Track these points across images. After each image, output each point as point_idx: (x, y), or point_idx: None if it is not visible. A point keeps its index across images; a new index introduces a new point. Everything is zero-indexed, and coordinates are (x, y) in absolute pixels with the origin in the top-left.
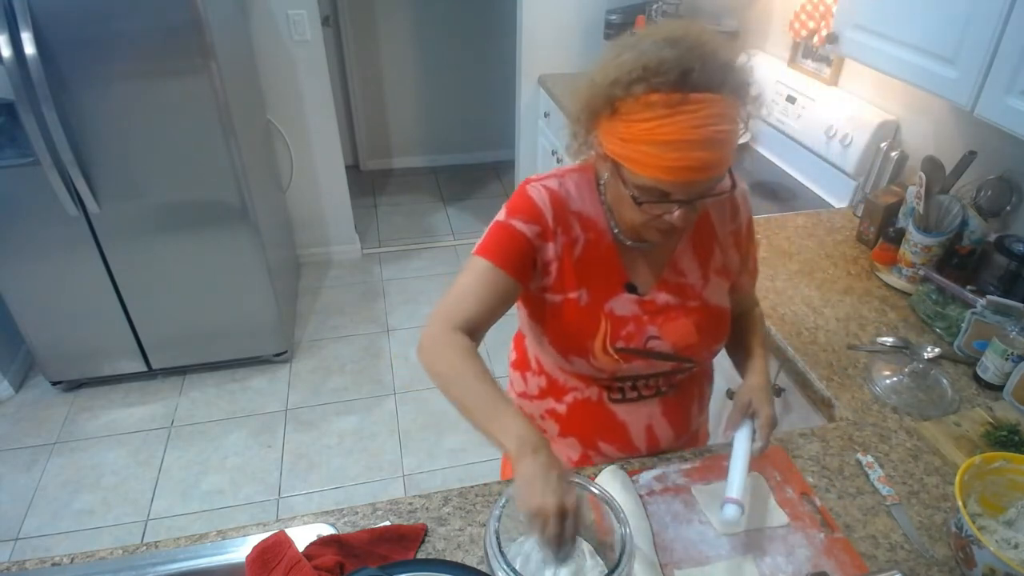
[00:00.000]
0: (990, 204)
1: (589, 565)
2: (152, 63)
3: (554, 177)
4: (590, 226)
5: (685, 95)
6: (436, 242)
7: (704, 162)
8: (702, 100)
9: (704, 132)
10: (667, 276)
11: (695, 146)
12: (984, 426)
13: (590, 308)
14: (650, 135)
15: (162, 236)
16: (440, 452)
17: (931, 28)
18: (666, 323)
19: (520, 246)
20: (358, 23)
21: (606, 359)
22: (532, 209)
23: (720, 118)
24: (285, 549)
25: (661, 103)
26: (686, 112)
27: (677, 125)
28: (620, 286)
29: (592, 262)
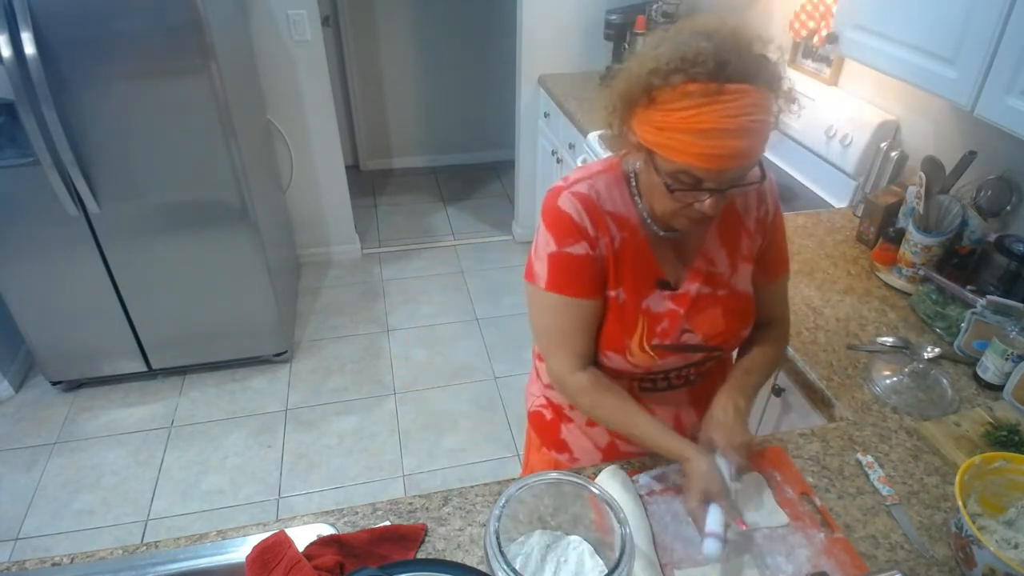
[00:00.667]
0: (990, 204)
1: (589, 565)
2: (152, 63)
3: (583, 180)
4: (624, 224)
5: (721, 85)
6: (436, 242)
7: (738, 150)
8: (737, 90)
9: (739, 121)
10: (698, 265)
11: (730, 135)
12: (984, 426)
13: (628, 306)
14: (686, 123)
15: (162, 236)
16: (440, 452)
17: (931, 28)
18: (697, 314)
19: (585, 268)
20: (358, 23)
21: (643, 356)
22: (572, 227)
23: (754, 108)
24: (285, 549)
25: (698, 92)
26: (722, 101)
27: (713, 113)
28: (653, 283)
29: (628, 260)
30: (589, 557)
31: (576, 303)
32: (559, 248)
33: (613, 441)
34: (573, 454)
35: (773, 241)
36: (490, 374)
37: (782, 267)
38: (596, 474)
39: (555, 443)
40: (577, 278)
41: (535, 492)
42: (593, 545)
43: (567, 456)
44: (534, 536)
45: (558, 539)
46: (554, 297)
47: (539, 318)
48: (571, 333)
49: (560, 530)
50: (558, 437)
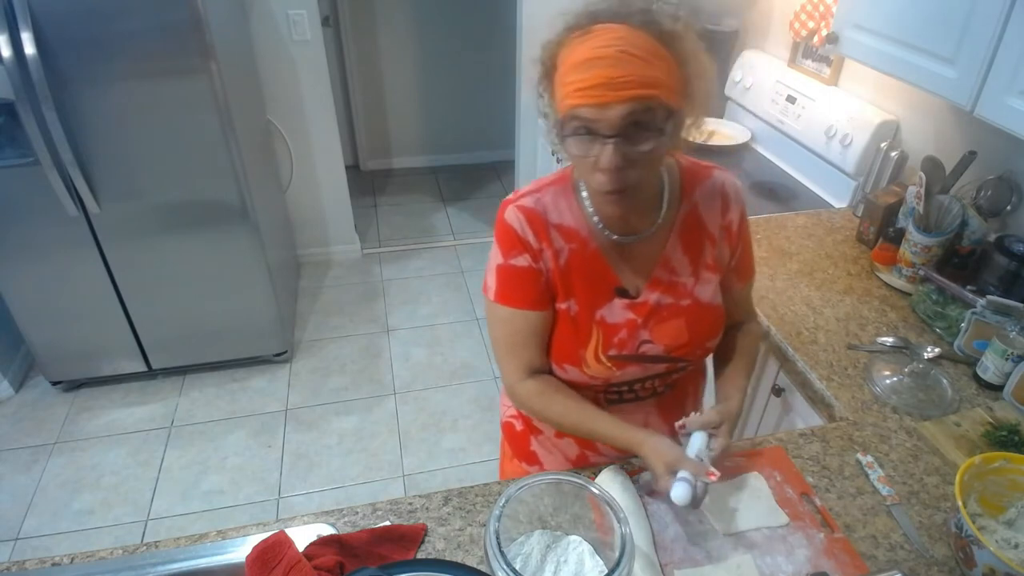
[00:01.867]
0: (990, 204)
1: (589, 565)
2: (152, 63)
3: (530, 194)
4: (572, 236)
5: (590, 27)
6: (436, 242)
7: (609, 78)
8: (605, 28)
9: (608, 51)
10: (659, 275)
11: (600, 63)
12: (984, 426)
13: (580, 318)
14: (570, 70)
15: (162, 236)
16: (440, 452)
17: (931, 28)
18: (658, 325)
19: (529, 280)
20: (358, 23)
21: (599, 367)
22: (515, 239)
23: (624, 41)
24: (285, 549)
25: (573, 39)
26: (592, 37)
27: (584, 46)
28: (611, 292)
29: (578, 271)
30: (589, 557)
31: (522, 314)
32: (505, 260)
33: (583, 452)
34: (543, 466)
35: (740, 248)
36: (490, 374)
37: (751, 272)
38: (596, 474)
39: (525, 455)
40: (522, 290)
41: (535, 492)
42: (593, 545)
43: (536, 468)
44: (534, 536)
45: (558, 539)
46: (502, 308)
47: (491, 329)
48: (519, 343)
49: (560, 530)
50: (528, 449)
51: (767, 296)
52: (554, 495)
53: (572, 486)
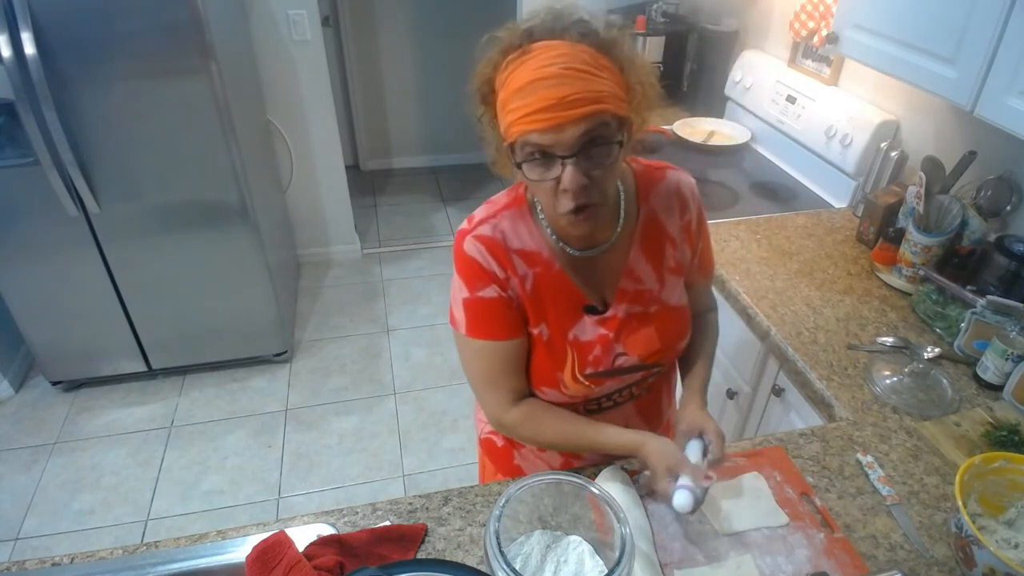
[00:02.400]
0: (990, 204)
1: (589, 565)
2: (152, 63)
3: (485, 222)
4: (534, 260)
5: (528, 46)
6: (436, 242)
7: (558, 99)
8: (544, 46)
9: (551, 70)
10: (624, 285)
11: (544, 84)
12: (984, 426)
13: (554, 341)
14: (513, 95)
15: (162, 236)
16: (440, 452)
17: (931, 28)
18: (629, 336)
19: (499, 310)
20: (358, 23)
21: (577, 387)
22: (479, 271)
23: (566, 57)
24: (285, 549)
25: (512, 61)
26: (531, 57)
27: (525, 68)
28: (579, 311)
29: (545, 295)
30: (589, 557)
31: (498, 345)
32: (471, 294)
33: (568, 460)
34: None
35: (699, 245)
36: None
37: (711, 266)
38: (596, 474)
39: (509, 469)
40: (493, 321)
41: (535, 492)
42: (593, 545)
43: None
44: (534, 536)
45: (558, 539)
46: (476, 342)
47: (467, 363)
48: (498, 374)
49: (560, 530)
50: (512, 463)
51: (767, 296)
52: (554, 495)
53: (572, 486)
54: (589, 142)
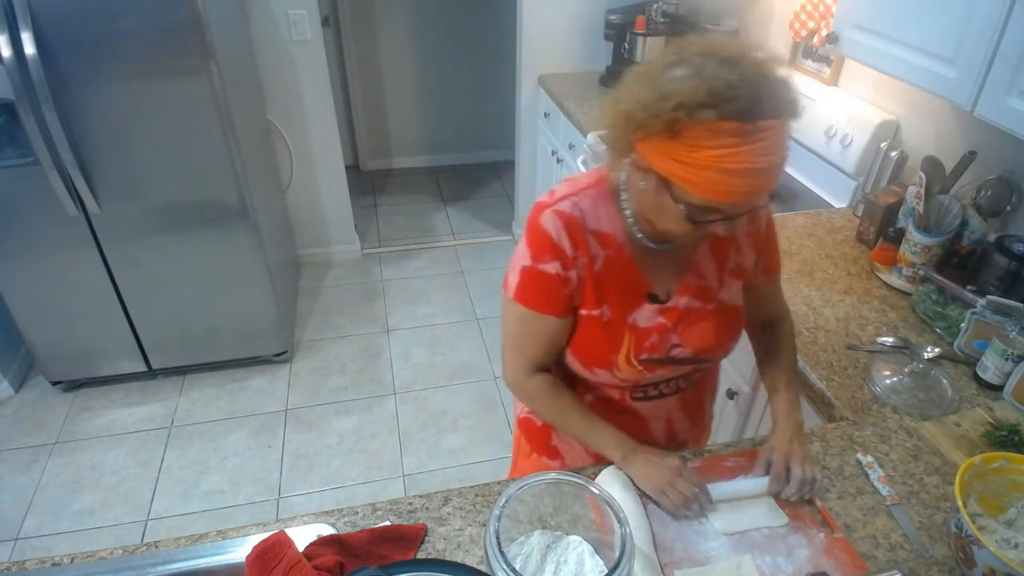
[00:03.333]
0: (990, 204)
1: (589, 565)
2: (152, 63)
3: (567, 198)
4: (608, 242)
5: (755, 124)
6: (436, 242)
7: (765, 187)
8: (769, 128)
9: (769, 160)
10: (689, 279)
11: (759, 174)
12: (984, 426)
13: (613, 323)
14: (716, 163)
15: (162, 236)
16: (440, 452)
17: (931, 28)
18: (687, 328)
19: (553, 287)
20: (358, 23)
21: (630, 370)
22: (550, 245)
23: (782, 145)
24: (285, 549)
25: (731, 132)
26: (755, 141)
27: (746, 154)
28: (642, 297)
29: (612, 278)
30: (589, 557)
31: (539, 317)
32: (533, 264)
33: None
34: (564, 461)
35: (768, 248)
36: (490, 374)
37: (777, 269)
38: (596, 474)
39: (546, 450)
40: (544, 295)
41: (535, 492)
42: (593, 545)
43: (559, 463)
44: (534, 536)
45: (558, 539)
46: (520, 308)
47: (505, 323)
48: (530, 342)
49: (560, 530)
50: (549, 444)
51: None
52: (554, 495)
53: (572, 486)
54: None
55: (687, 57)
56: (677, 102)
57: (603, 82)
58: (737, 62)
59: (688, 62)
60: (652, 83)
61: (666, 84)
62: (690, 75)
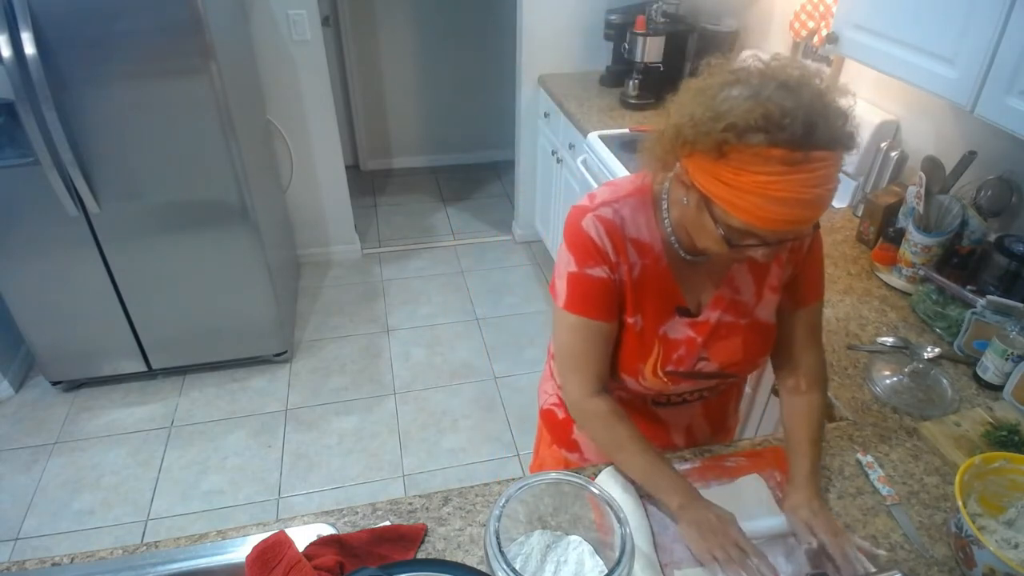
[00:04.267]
0: (990, 204)
1: (589, 565)
2: (152, 63)
3: (609, 204)
4: (646, 251)
5: (807, 153)
6: (436, 242)
7: (809, 219)
8: (821, 159)
9: (817, 192)
10: (723, 292)
11: (806, 204)
12: (984, 426)
13: (645, 333)
14: (762, 188)
15: (162, 236)
16: (440, 452)
17: (931, 28)
18: (716, 343)
19: (604, 291)
20: (358, 23)
21: (655, 381)
22: (595, 250)
23: (832, 176)
24: (285, 549)
25: (780, 159)
26: (805, 171)
27: (793, 184)
28: (672, 309)
29: (648, 287)
30: (589, 557)
31: (592, 324)
32: (579, 269)
33: None
34: (584, 454)
35: (806, 268)
36: (490, 374)
37: (813, 294)
38: (596, 474)
39: (566, 442)
40: (595, 300)
41: (535, 492)
42: (593, 545)
43: (578, 456)
44: (534, 536)
45: (558, 539)
46: (571, 317)
47: (557, 336)
48: (587, 354)
49: (560, 530)
50: (570, 437)
51: None
52: (554, 495)
53: (572, 486)
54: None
55: (745, 77)
56: (729, 123)
57: (603, 82)
58: (796, 88)
59: (746, 83)
60: (707, 100)
61: (721, 103)
62: (746, 97)
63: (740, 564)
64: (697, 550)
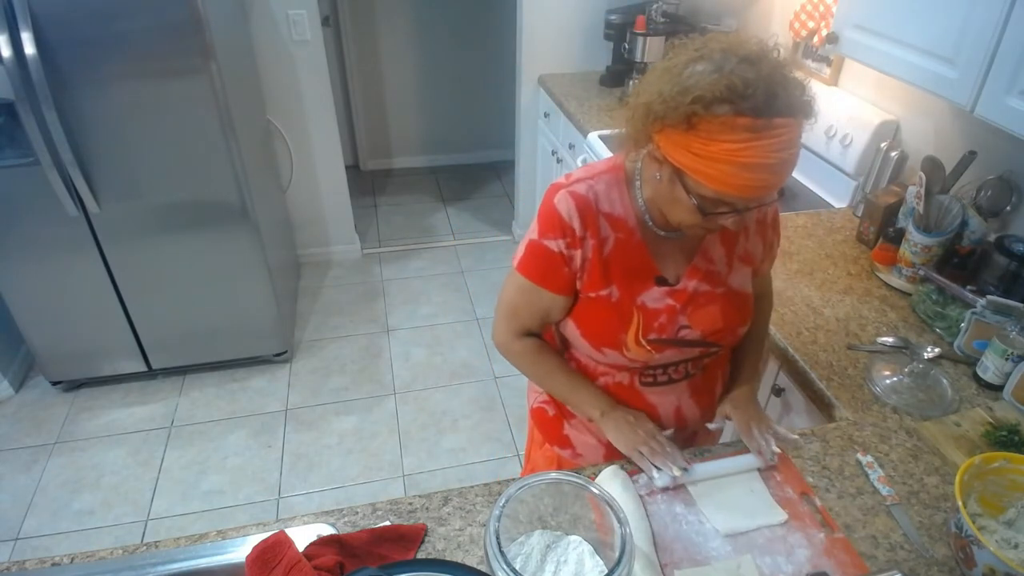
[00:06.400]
0: (990, 204)
1: (589, 565)
2: (152, 63)
3: (583, 180)
4: (619, 225)
5: (769, 120)
6: (436, 242)
7: (776, 183)
8: (783, 125)
9: (781, 156)
10: (697, 263)
11: (772, 169)
12: (984, 426)
13: (622, 303)
14: (729, 155)
15: (162, 236)
16: (440, 452)
17: (931, 28)
18: (695, 311)
19: (554, 263)
20: (358, 23)
21: (639, 350)
22: (559, 223)
23: (795, 142)
24: (285, 549)
25: (745, 127)
26: (768, 137)
27: (759, 149)
28: (651, 280)
29: (622, 260)
30: (589, 557)
31: (536, 290)
32: (539, 238)
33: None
34: (576, 450)
35: (772, 240)
36: (490, 374)
37: (774, 256)
38: (596, 474)
39: (558, 439)
40: (541, 269)
41: (535, 492)
42: (593, 545)
43: (570, 452)
44: (534, 536)
45: (558, 539)
46: (520, 278)
47: (505, 289)
48: (523, 311)
49: (560, 530)
50: (561, 433)
51: None
52: (554, 495)
53: (572, 486)
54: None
55: (708, 53)
56: (695, 95)
57: (603, 82)
58: (756, 61)
59: (709, 58)
60: (673, 77)
61: (687, 79)
62: (710, 71)
63: (662, 453)
64: (623, 447)
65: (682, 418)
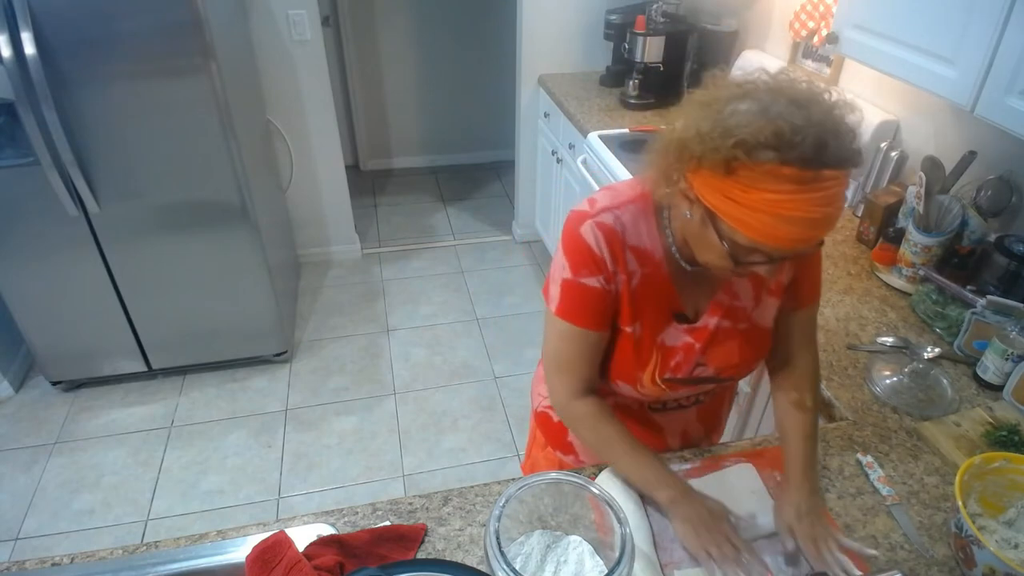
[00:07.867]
0: (990, 204)
1: (589, 565)
2: (152, 63)
3: (610, 210)
4: (646, 260)
5: (817, 172)
6: (436, 242)
7: (817, 238)
8: (832, 177)
9: (827, 211)
10: (720, 299)
11: (815, 224)
12: (984, 426)
13: (643, 342)
14: (771, 207)
15: (162, 236)
16: (440, 452)
17: (931, 28)
18: (713, 348)
19: (597, 301)
20: (358, 23)
21: (653, 388)
22: (591, 259)
23: (842, 195)
24: (285, 549)
25: (790, 178)
26: (815, 191)
27: (803, 203)
28: (670, 316)
29: (647, 295)
30: (589, 557)
31: (583, 333)
32: (574, 276)
33: None
34: (579, 456)
35: (806, 270)
36: (490, 374)
37: (811, 296)
38: (596, 474)
39: (561, 445)
40: (587, 309)
41: (535, 492)
42: (593, 545)
43: (572, 458)
44: (534, 536)
45: (558, 539)
46: (562, 323)
47: (548, 339)
48: (575, 360)
49: (560, 530)
50: (565, 439)
51: None
52: (554, 495)
53: (572, 486)
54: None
55: (753, 91)
56: (738, 139)
57: (603, 82)
58: (807, 104)
59: (754, 97)
60: (713, 115)
61: (728, 117)
62: (755, 112)
63: (735, 561)
64: (691, 546)
65: (688, 438)
